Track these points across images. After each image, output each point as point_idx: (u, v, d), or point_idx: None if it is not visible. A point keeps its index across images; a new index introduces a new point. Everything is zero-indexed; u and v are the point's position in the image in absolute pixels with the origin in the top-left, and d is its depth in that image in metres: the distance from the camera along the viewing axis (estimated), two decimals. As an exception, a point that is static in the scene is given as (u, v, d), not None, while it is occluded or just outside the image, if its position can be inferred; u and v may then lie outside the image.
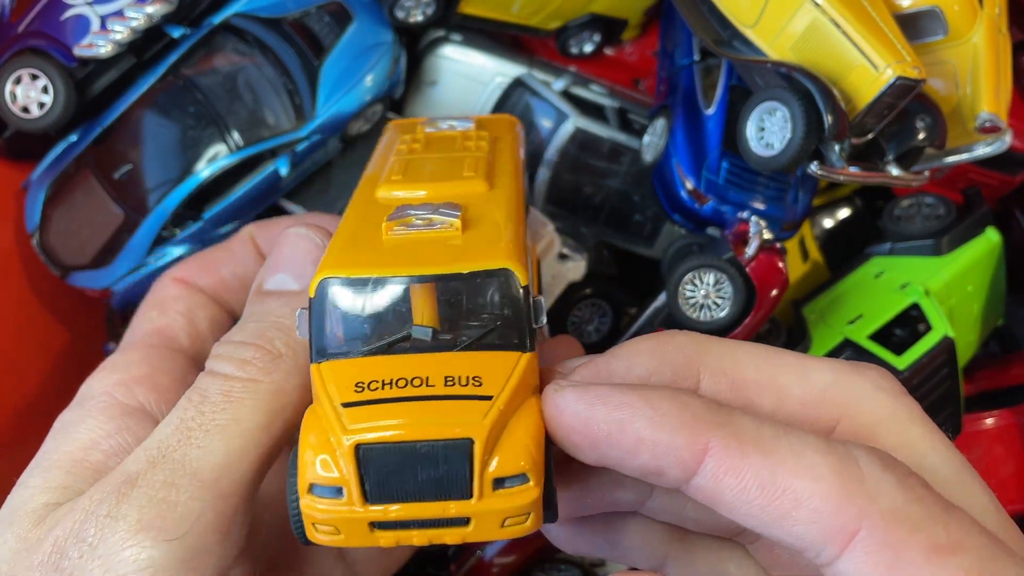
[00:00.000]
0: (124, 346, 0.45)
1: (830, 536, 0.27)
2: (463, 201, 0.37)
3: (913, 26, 0.59)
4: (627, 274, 0.72)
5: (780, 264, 0.57)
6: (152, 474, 0.33)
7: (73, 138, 0.67)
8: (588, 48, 0.79)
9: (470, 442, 0.29)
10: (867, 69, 0.53)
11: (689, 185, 0.64)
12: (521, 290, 0.32)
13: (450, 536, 0.30)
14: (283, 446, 0.36)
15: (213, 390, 0.36)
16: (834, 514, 0.26)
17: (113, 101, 0.66)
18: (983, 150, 0.62)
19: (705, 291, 0.57)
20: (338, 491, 0.30)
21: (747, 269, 0.56)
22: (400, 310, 0.32)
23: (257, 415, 0.35)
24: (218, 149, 0.65)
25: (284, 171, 0.66)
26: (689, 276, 0.57)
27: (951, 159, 0.62)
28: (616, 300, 0.67)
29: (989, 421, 0.72)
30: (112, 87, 0.66)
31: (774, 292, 0.57)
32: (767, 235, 0.57)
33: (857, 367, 0.33)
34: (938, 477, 0.30)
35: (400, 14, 0.69)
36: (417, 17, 0.70)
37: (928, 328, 0.62)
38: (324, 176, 0.71)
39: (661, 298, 0.59)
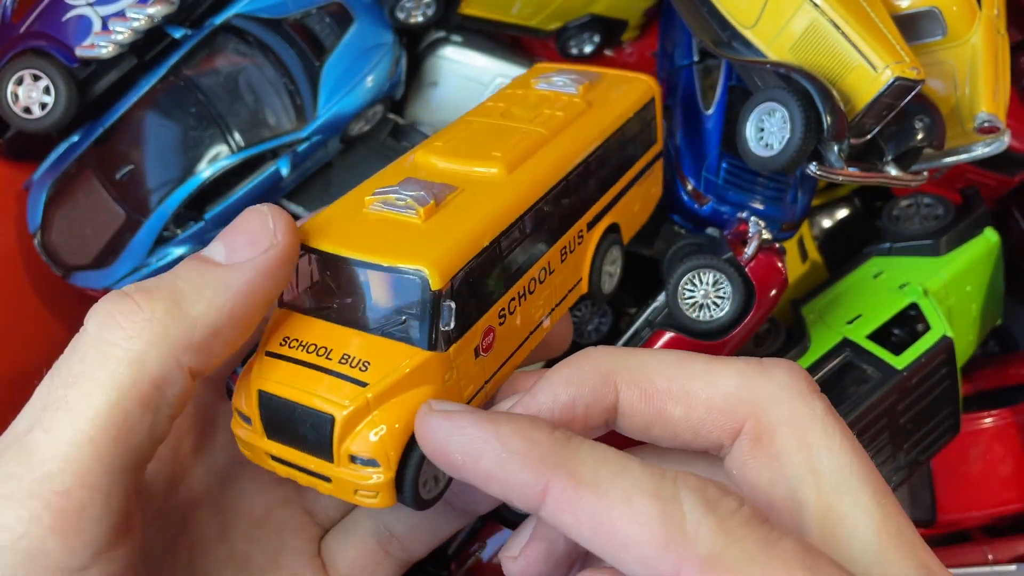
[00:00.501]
0: None
1: None
2: (467, 184, 0.40)
3: (912, 27, 0.59)
4: (627, 274, 0.72)
5: (779, 264, 0.57)
6: (2, 463, 0.30)
7: (75, 138, 0.68)
8: (588, 49, 0.79)
9: (331, 418, 0.33)
10: (866, 70, 0.54)
11: (689, 185, 0.64)
12: (430, 293, 0.34)
13: (321, 487, 0.35)
14: (154, 422, 0.32)
15: (74, 356, 0.32)
16: (656, 560, 0.27)
17: (115, 102, 0.67)
18: (982, 150, 0.62)
19: (704, 291, 0.57)
20: (249, 420, 0.36)
21: (746, 269, 0.56)
22: (336, 281, 0.36)
23: (107, 391, 0.31)
24: (219, 149, 0.65)
25: (285, 171, 0.67)
26: (688, 276, 0.57)
27: (950, 159, 0.63)
28: (616, 300, 0.67)
29: (988, 420, 0.72)
30: (114, 88, 0.67)
31: (773, 292, 0.57)
32: (766, 235, 0.57)
33: (765, 367, 0.34)
34: (825, 481, 0.31)
35: (400, 15, 0.69)
36: (417, 18, 0.70)
37: (927, 328, 0.62)
38: (324, 176, 0.71)
39: (661, 298, 0.60)
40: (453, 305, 0.35)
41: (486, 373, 0.39)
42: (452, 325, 0.35)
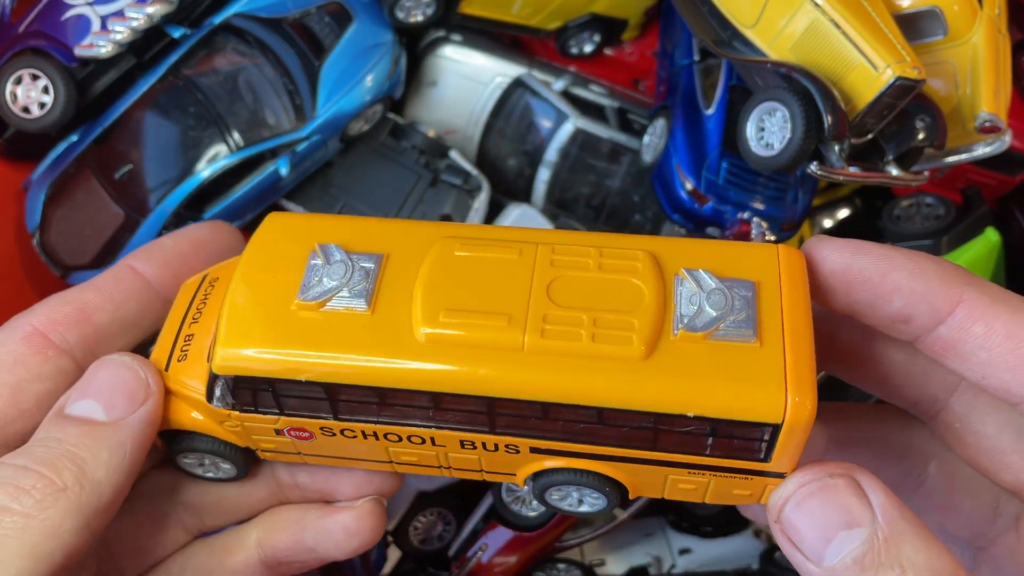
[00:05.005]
0: None
1: None
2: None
3: (913, 26, 0.59)
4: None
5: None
6: None
7: (74, 138, 0.67)
8: (588, 48, 0.79)
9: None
10: (867, 69, 0.53)
11: (689, 185, 0.64)
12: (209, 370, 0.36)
13: None
14: None
15: None
16: None
17: (114, 101, 0.66)
18: (983, 150, 0.62)
19: (705, 292, 0.56)
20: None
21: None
22: None
23: (21, 560, 0.31)
24: (218, 149, 0.65)
25: (284, 171, 0.67)
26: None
27: (951, 159, 0.62)
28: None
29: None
30: (113, 87, 0.66)
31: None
32: (770, 237, 0.57)
33: None
34: None
35: (400, 14, 0.69)
36: (417, 17, 0.70)
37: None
38: (324, 176, 0.71)
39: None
40: (219, 392, 0.35)
41: (308, 449, 0.38)
42: (215, 401, 0.35)
